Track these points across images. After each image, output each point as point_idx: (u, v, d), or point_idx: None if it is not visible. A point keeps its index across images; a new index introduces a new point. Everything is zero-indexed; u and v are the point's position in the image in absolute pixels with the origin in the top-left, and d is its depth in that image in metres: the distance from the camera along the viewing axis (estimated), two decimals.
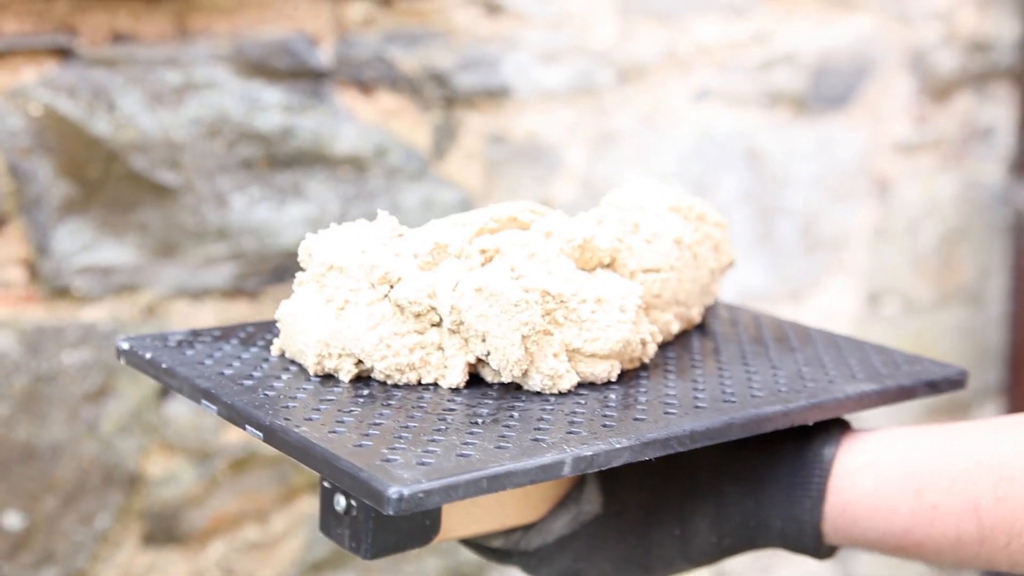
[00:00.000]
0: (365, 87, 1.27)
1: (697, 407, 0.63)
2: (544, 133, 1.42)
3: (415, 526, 0.61)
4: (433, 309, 0.62)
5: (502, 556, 0.68)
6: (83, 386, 1.13)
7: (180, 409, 1.20)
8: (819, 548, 0.66)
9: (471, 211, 0.69)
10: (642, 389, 0.65)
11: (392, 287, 0.63)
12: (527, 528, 0.66)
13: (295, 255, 1.24)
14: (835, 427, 0.67)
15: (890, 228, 1.79)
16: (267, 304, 1.25)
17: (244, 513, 1.25)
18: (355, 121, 1.26)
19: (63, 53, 1.08)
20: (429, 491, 0.51)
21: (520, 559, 0.67)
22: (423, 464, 0.53)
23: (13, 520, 1.11)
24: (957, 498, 0.61)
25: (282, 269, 1.24)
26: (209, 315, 1.21)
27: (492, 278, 0.61)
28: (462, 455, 0.54)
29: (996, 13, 1.82)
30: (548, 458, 0.55)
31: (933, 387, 0.73)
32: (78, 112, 1.09)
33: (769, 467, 0.66)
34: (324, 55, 1.23)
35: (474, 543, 0.68)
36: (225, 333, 0.71)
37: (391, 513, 0.51)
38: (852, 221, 1.75)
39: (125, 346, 0.68)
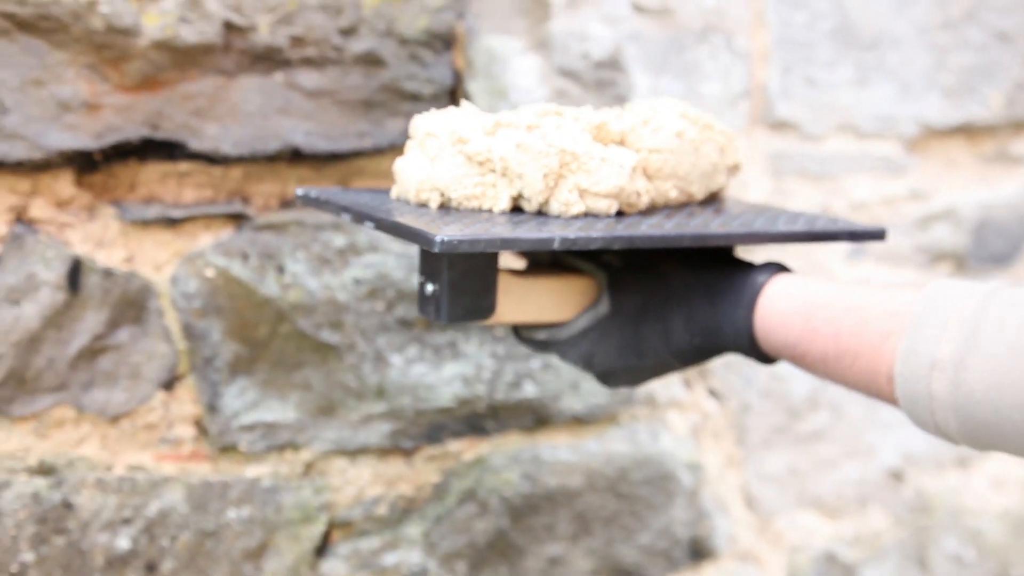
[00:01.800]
0: None
1: (663, 227, 0.90)
2: None
3: (476, 305, 0.90)
4: (491, 160, 0.91)
5: (543, 346, 0.99)
6: (245, 543, 1.14)
7: (337, 567, 1.20)
8: (758, 352, 0.91)
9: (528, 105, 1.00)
10: (630, 220, 0.91)
11: (465, 145, 0.93)
12: (561, 326, 0.97)
13: (451, 412, 1.25)
14: (774, 266, 0.92)
15: None
16: (422, 462, 1.26)
17: None
18: None
19: (237, 219, 1.14)
20: (461, 240, 0.79)
21: (555, 347, 0.98)
22: (463, 231, 0.81)
23: None
24: (830, 327, 0.84)
25: (438, 427, 1.25)
26: (366, 472, 1.22)
27: (527, 137, 0.91)
28: (490, 230, 0.83)
29: None
30: (543, 234, 0.83)
31: (853, 236, 0.97)
32: (249, 274, 1.14)
33: (722, 286, 0.91)
34: None
35: (524, 337, 0.99)
36: (368, 190, 1.03)
37: (437, 251, 0.79)
38: None
39: (300, 192, 1.00)
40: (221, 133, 1.10)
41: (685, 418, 1.46)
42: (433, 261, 0.90)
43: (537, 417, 1.32)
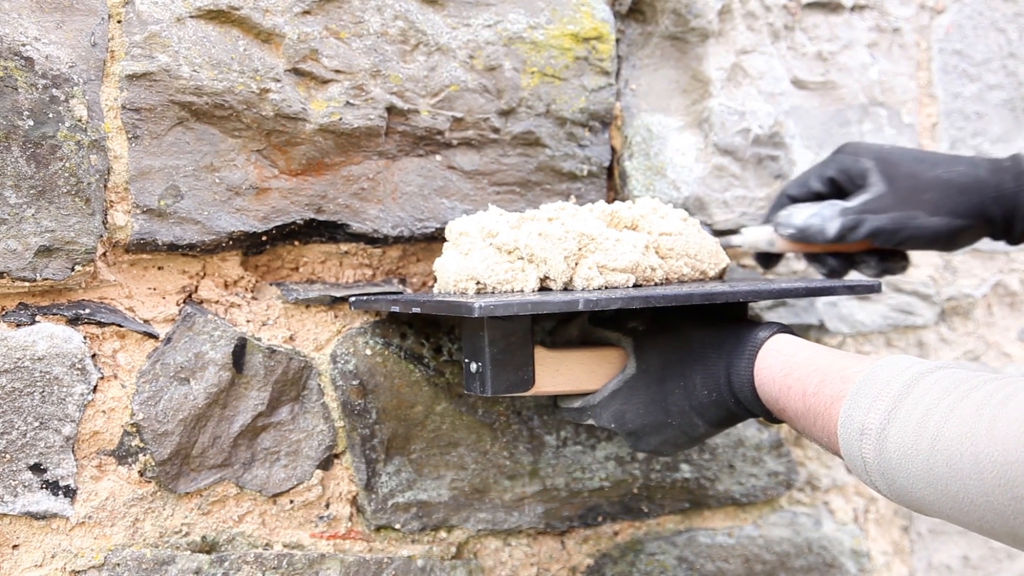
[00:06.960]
0: None
1: (677, 290, 1.00)
2: None
3: (517, 378, 1.01)
4: (517, 248, 1.04)
5: (580, 412, 1.07)
6: None
7: None
8: (762, 407, 0.97)
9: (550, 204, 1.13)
10: (646, 288, 1.03)
11: (494, 238, 1.05)
12: (594, 393, 1.06)
13: (605, 493, 1.23)
14: (776, 325, 1.00)
15: None
16: (575, 544, 1.24)
17: None
18: None
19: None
20: (496, 306, 0.90)
21: (590, 410, 1.06)
22: (497, 302, 0.92)
23: None
24: (799, 385, 0.92)
25: (592, 508, 1.23)
26: (518, 554, 1.21)
27: (548, 226, 1.04)
28: (521, 298, 0.94)
29: None
30: (568, 297, 0.93)
31: (851, 289, 1.07)
32: (406, 353, 1.14)
33: (733, 343, 0.99)
34: None
35: (563, 406, 1.09)
36: (413, 292, 1.16)
37: (476, 316, 0.90)
38: None
39: (353, 299, 1.09)
40: (382, 214, 1.12)
41: (848, 503, 1.41)
42: (475, 341, 1.00)
43: (693, 499, 1.29)
